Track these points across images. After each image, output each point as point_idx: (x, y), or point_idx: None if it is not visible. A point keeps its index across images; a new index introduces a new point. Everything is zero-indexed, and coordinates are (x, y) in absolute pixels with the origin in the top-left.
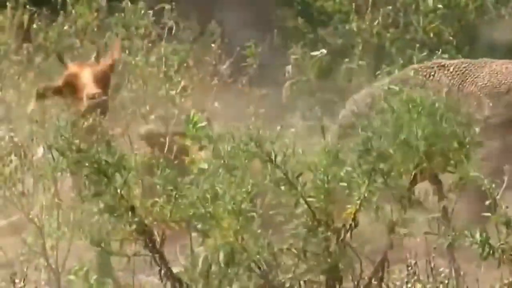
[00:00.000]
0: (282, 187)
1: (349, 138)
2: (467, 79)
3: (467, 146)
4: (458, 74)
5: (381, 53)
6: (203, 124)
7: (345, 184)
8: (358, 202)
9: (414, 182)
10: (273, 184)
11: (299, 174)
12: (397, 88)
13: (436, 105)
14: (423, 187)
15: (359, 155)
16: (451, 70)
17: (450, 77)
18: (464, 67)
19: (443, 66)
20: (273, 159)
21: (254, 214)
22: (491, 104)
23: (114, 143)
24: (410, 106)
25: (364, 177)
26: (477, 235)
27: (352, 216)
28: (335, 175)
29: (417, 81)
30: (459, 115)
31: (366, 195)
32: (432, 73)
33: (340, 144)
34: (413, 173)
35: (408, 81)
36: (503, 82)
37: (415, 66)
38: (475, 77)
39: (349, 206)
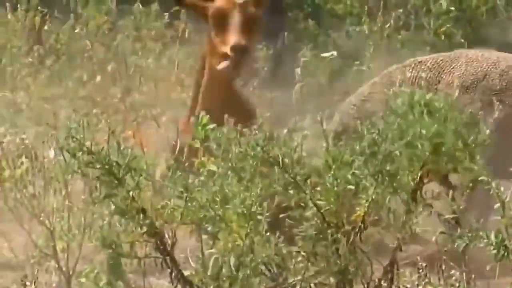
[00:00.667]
0: (291, 191)
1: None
2: (444, 70)
3: (472, 146)
4: (435, 67)
5: (393, 56)
6: (212, 126)
7: (352, 187)
8: (367, 204)
9: (421, 183)
10: (281, 187)
11: (307, 177)
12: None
13: (440, 104)
14: (432, 188)
15: (366, 158)
16: (428, 64)
17: (427, 72)
18: (441, 60)
19: (420, 62)
20: (280, 163)
21: (263, 217)
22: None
23: (125, 145)
24: (413, 106)
25: (372, 179)
26: (492, 236)
27: (361, 219)
28: (343, 178)
29: (395, 80)
30: (464, 115)
31: (374, 197)
32: (410, 70)
33: (343, 147)
34: (419, 175)
35: (388, 83)
36: (479, 69)
37: (393, 66)
38: (452, 68)
39: (358, 208)
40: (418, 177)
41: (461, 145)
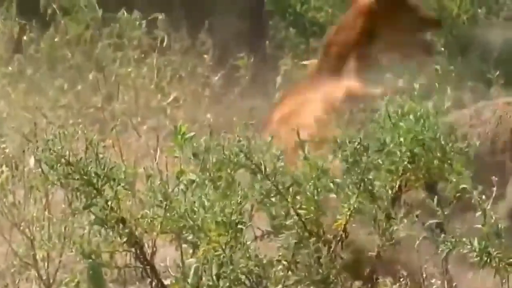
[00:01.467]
0: (273, 199)
1: None
2: None
3: (451, 154)
4: None
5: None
6: (191, 134)
7: (334, 195)
8: (348, 213)
9: (399, 191)
10: (262, 195)
11: (290, 185)
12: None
13: (419, 113)
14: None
15: (348, 167)
16: None
17: None
18: None
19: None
20: (263, 170)
21: (243, 226)
22: None
23: (104, 155)
24: (393, 114)
25: (354, 188)
26: (476, 243)
27: (342, 227)
28: (324, 186)
29: None
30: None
31: (356, 205)
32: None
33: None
34: (398, 183)
35: None
36: None
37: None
38: None
39: (339, 217)
40: (397, 185)
41: (439, 153)
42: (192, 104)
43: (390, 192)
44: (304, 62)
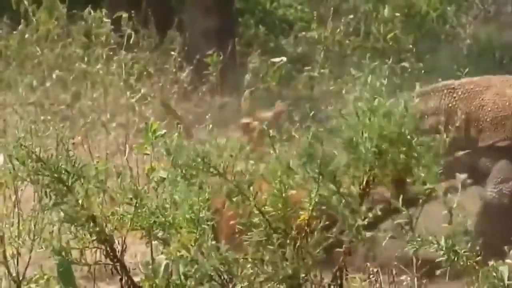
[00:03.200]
0: (235, 199)
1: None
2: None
3: (417, 151)
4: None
5: (343, 61)
6: (162, 132)
7: (294, 191)
8: (311, 208)
9: (367, 187)
10: (225, 196)
11: (250, 184)
12: None
13: (386, 108)
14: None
15: (304, 161)
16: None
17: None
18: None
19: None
20: (221, 172)
21: (211, 223)
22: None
23: (74, 152)
24: (359, 109)
25: (313, 183)
26: (442, 241)
27: (306, 223)
28: (286, 183)
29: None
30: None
31: (317, 199)
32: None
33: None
34: (365, 179)
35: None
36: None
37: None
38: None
39: (302, 212)
40: (365, 182)
41: (405, 148)
42: (161, 101)
43: (357, 188)
44: (273, 60)
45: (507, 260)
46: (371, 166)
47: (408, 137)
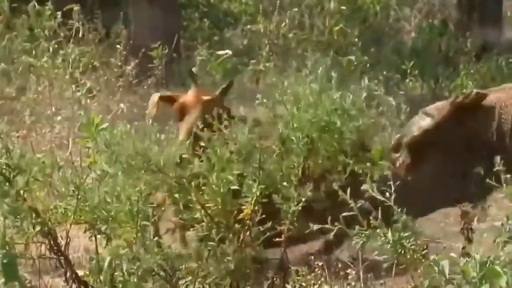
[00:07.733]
0: (176, 194)
1: None
2: None
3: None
4: None
5: (288, 55)
6: (104, 126)
7: (236, 186)
8: (252, 202)
9: (303, 178)
10: (167, 191)
11: (191, 180)
12: None
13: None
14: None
15: (244, 157)
16: None
17: None
18: None
19: None
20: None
21: (151, 216)
22: None
23: (17, 145)
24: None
25: (253, 177)
26: (389, 234)
27: (248, 217)
28: (226, 179)
29: None
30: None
31: (258, 193)
32: None
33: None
34: (300, 170)
35: None
36: None
37: None
38: None
39: (244, 207)
40: (300, 173)
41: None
42: (106, 94)
43: (293, 179)
44: (219, 52)
45: (451, 254)
46: (304, 156)
47: (339, 124)
